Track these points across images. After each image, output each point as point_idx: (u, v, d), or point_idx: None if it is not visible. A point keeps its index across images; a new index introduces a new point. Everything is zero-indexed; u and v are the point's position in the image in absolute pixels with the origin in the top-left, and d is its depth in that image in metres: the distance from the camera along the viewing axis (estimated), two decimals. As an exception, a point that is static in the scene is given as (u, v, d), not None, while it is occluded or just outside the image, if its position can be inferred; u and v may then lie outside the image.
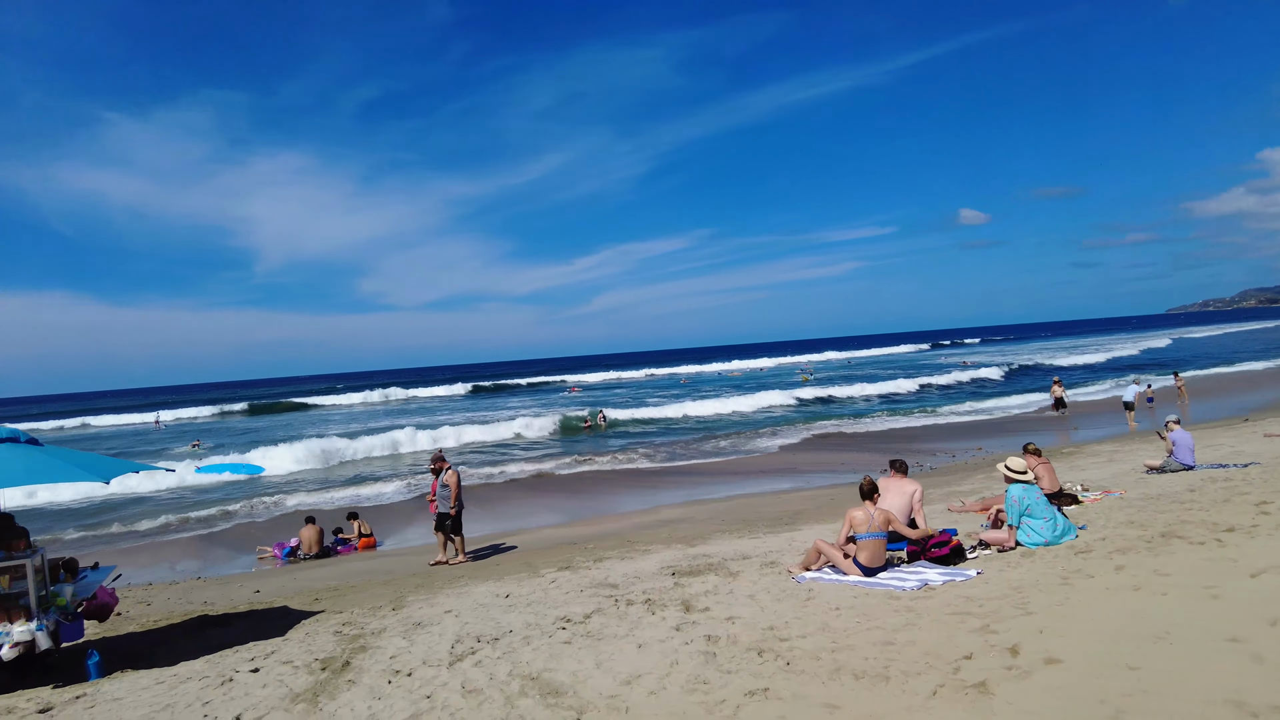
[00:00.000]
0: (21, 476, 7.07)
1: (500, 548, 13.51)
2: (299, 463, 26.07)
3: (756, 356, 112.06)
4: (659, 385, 66.50)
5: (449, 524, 12.55)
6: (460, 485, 12.70)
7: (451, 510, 12.52)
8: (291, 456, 26.53)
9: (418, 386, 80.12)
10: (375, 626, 8.27)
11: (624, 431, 32.08)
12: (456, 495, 12.59)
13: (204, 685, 6.51)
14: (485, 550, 13.32)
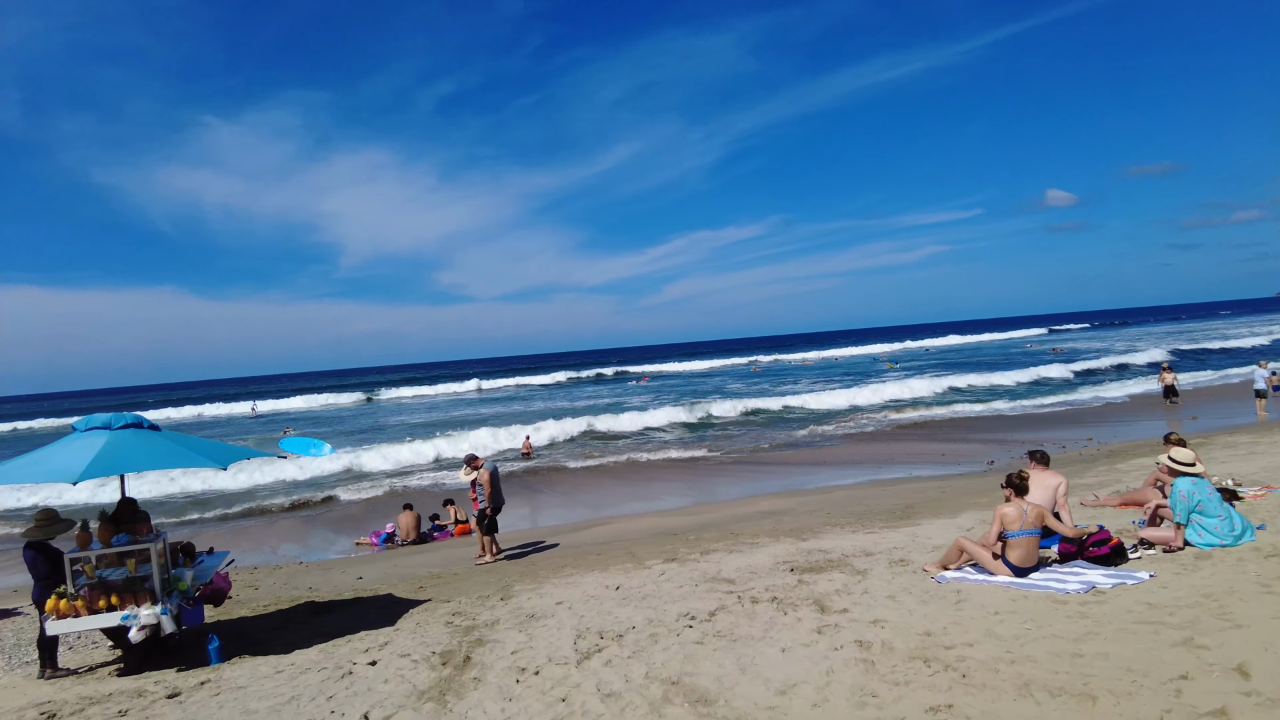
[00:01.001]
0: (145, 462, 7.03)
1: (591, 536, 13.21)
2: (389, 450, 26.46)
3: (831, 345, 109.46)
4: (736, 375, 65.59)
5: (485, 523, 12.31)
6: (493, 484, 12.38)
7: (487, 509, 12.27)
8: (383, 443, 26.92)
9: (498, 377, 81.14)
10: (487, 618, 8.02)
11: (707, 421, 31.54)
12: (490, 493, 12.31)
13: (324, 678, 6.32)
14: (577, 537, 13.05)
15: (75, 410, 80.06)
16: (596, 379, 73.91)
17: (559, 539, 13.43)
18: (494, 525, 12.28)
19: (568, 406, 43.90)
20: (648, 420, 31.30)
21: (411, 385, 78.82)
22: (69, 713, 6.18)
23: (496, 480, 12.36)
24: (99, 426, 7.46)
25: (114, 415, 7.56)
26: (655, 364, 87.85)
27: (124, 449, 7.03)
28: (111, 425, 7.47)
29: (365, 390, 74.54)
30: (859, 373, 54.70)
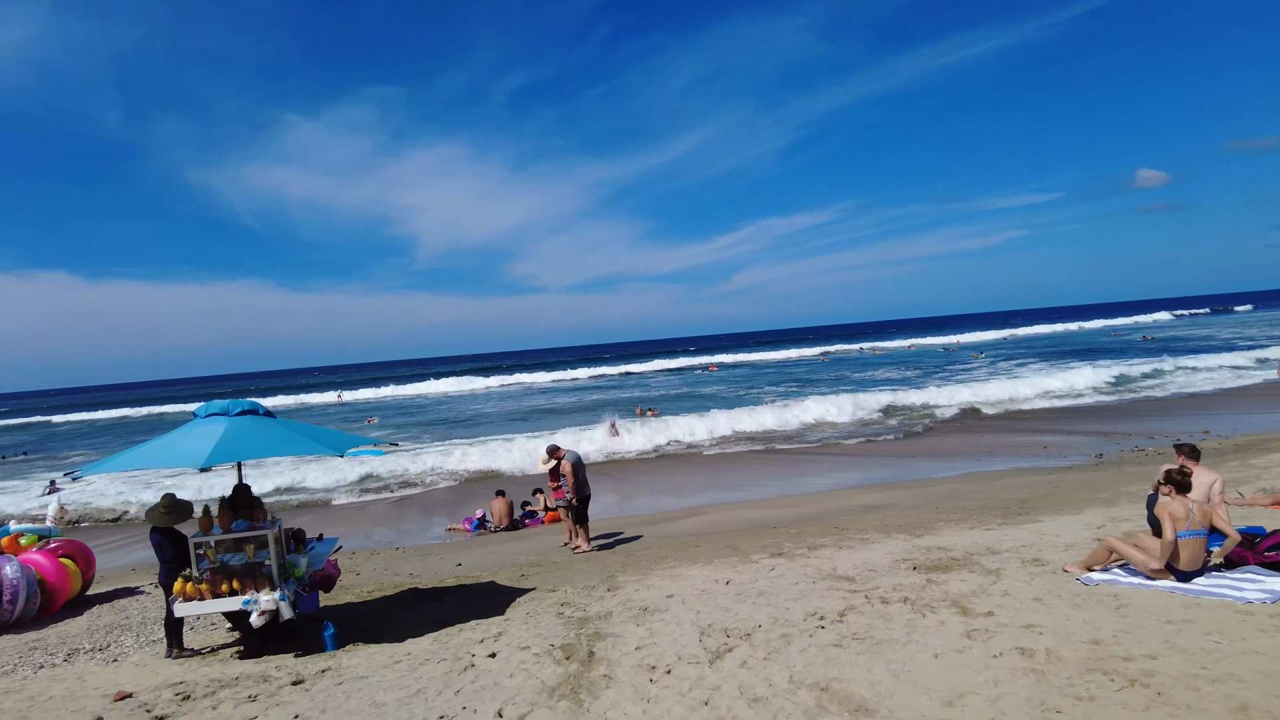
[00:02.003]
0: (263, 448, 7.04)
1: (683, 527, 12.92)
2: (471, 438, 26.74)
3: (905, 334, 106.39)
4: (808, 365, 64.35)
5: (573, 512, 12.07)
6: (576, 474, 12.13)
7: (573, 500, 12.03)
8: (464, 432, 27.17)
9: (568, 368, 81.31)
10: (598, 610, 7.82)
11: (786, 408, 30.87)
12: (573, 484, 12.07)
13: (446, 670, 6.20)
14: (669, 528, 12.78)
15: (172, 399, 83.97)
16: (663, 370, 73.23)
17: (648, 529, 13.20)
18: (583, 515, 12.11)
19: (640, 396, 43.78)
20: (718, 410, 30.87)
21: (485, 375, 79.92)
22: (201, 694, 6.22)
23: (580, 470, 12.16)
24: (217, 413, 7.52)
25: (231, 402, 7.62)
26: (724, 354, 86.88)
27: (244, 435, 7.06)
28: (229, 412, 7.52)
29: (443, 379, 75.87)
30: (935, 362, 53.00)
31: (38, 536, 9.98)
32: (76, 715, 6.04)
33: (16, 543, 9.75)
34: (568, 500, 12.08)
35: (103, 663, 7.80)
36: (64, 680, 7.25)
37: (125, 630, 8.87)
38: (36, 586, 9.30)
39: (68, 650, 8.26)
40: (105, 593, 10.65)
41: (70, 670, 7.62)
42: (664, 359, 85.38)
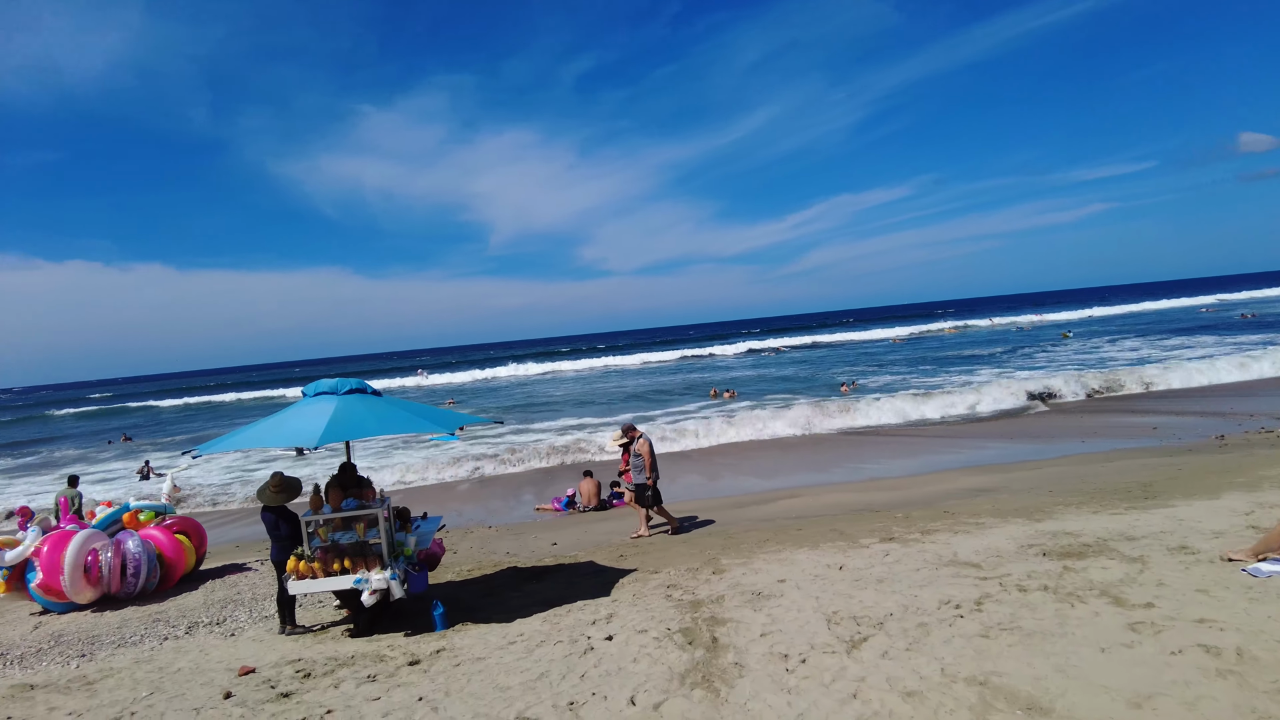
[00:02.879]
0: (375, 426, 6.98)
1: (779, 510, 12.55)
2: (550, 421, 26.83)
3: (984, 313, 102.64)
4: (883, 347, 62.67)
5: (649, 495, 11.69)
6: (654, 454, 11.77)
7: (649, 481, 11.68)
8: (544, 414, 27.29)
9: (635, 352, 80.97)
10: (707, 593, 7.56)
11: (860, 390, 30.07)
12: (650, 465, 11.69)
13: (566, 653, 6.04)
14: (764, 510, 12.43)
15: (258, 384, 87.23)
16: (736, 353, 72.14)
17: (738, 511, 12.86)
18: (659, 497, 11.81)
19: (715, 379, 43.36)
20: (795, 391, 30.20)
21: (556, 359, 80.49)
22: (321, 672, 6.22)
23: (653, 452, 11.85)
24: (326, 392, 7.51)
25: (339, 380, 7.60)
26: (796, 335, 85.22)
27: (355, 414, 7.01)
28: (337, 391, 7.50)
29: (517, 364, 76.73)
30: (1017, 341, 50.90)
31: (155, 513, 10.29)
32: (206, 688, 6.10)
33: (136, 519, 10.06)
34: (643, 480, 11.67)
35: (221, 636, 7.95)
36: (188, 652, 7.40)
37: (238, 605, 9.05)
38: (156, 561, 9.59)
39: (188, 623, 8.46)
40: (216, 568, 10.93)
41: (192, 643, 7.79)
42: (736, 341, 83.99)
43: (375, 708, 5.25)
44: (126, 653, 7.65)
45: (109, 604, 9.46)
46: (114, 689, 6.36)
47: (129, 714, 5.66)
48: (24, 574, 9.24)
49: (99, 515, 10.01)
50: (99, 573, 9.17)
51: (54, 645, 8.09)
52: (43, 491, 22.78)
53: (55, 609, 9.28)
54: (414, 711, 5.08)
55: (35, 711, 5.92)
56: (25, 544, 9.18)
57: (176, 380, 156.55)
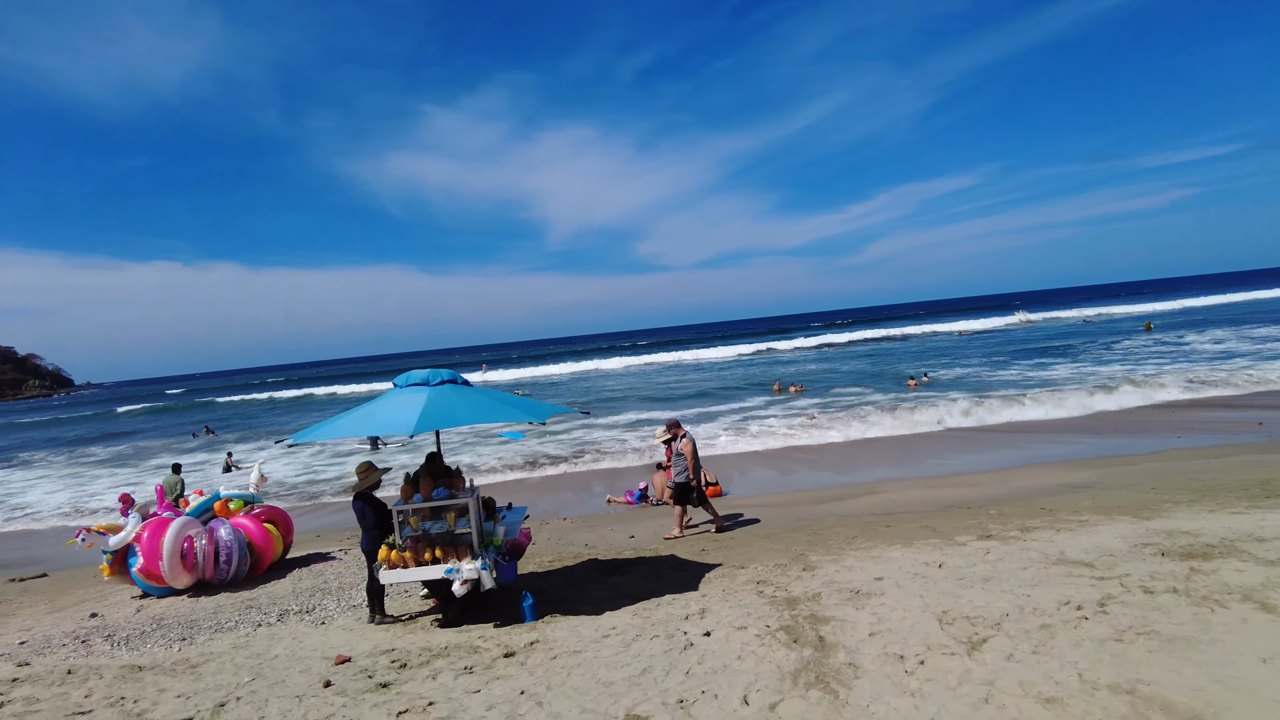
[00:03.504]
0: (467, 415, 6.92)
1: (862, 505, 12.17)
2: (618, 416, 26.78)
3: (1057, 305, 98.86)
4: (946, 341, 60.94)
5: (693, 495, 11.28)
6: (696, 453, 11.41)
7: (691, 481, 11.29)
8: (609, 409, 27.22)
9: (697, 346, 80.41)
10: (801, 590, 7.32)
11: (932, 383, 29.21)
12: (693, 464, 11.28)
13: (666, 648, 5.87)
14: (845, 506, 12.07)
15: (324, 379, 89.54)
16: (800, 347, 70.97)
17: (819, 507, 12.49)
18: (702, 496, 11.41)
19: (780, 373, 42.77)
20: (867, 385, 29.50)
21: (616, 354, 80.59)
22: (416, 663, 6.19)
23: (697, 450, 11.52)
24: (418, 383, 7.50)
25: (430, 371, 7.58)
26: (860, 329, 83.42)
27: (447, 403, 6.97)
28: (429, 381, 7.48)
29: (575, 359, 77.08)
30: (1087, 334, 48.87)
31: (244, 502, 10.50)
32: (305, 676, 6.12)
33: (226, 507, 10.28)
34: (685, 480, 11.28)
35: (311, 624, 8.02)
36: (282, 639, 7.48)
37: (326, 594, 9.15)
38: (246, 549, 9.77)
39: (279, 610, 8.58)
40: (301, 557, 11.12)
41: (285, 630, 7.88)
42: (797, 335, 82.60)
43: (477, 701, 5.17)
44: (223, 637, 7.79)
45: (203, 590, 9.69)
46: (216, 673, 6.45)
47: (234, 699, 5.70)
48: (126, 559, 9.53)
49: (192, 503, 10.25)
50: (194, 559, 9.39)
51: (156, 628, 8.29)
52: (134, 482, 23.73)
53: (154, 593, 9.54)
54: (518, 706, 4.97)
55: (145, 692, 6.02)
56: (127, 530, 9.46)
57: (248, 375, 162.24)
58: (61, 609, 9.80)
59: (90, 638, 8.19)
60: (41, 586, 11.52)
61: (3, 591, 11.37)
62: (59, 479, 25.97)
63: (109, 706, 5.78)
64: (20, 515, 19.73)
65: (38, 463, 31.89)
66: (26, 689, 6.44)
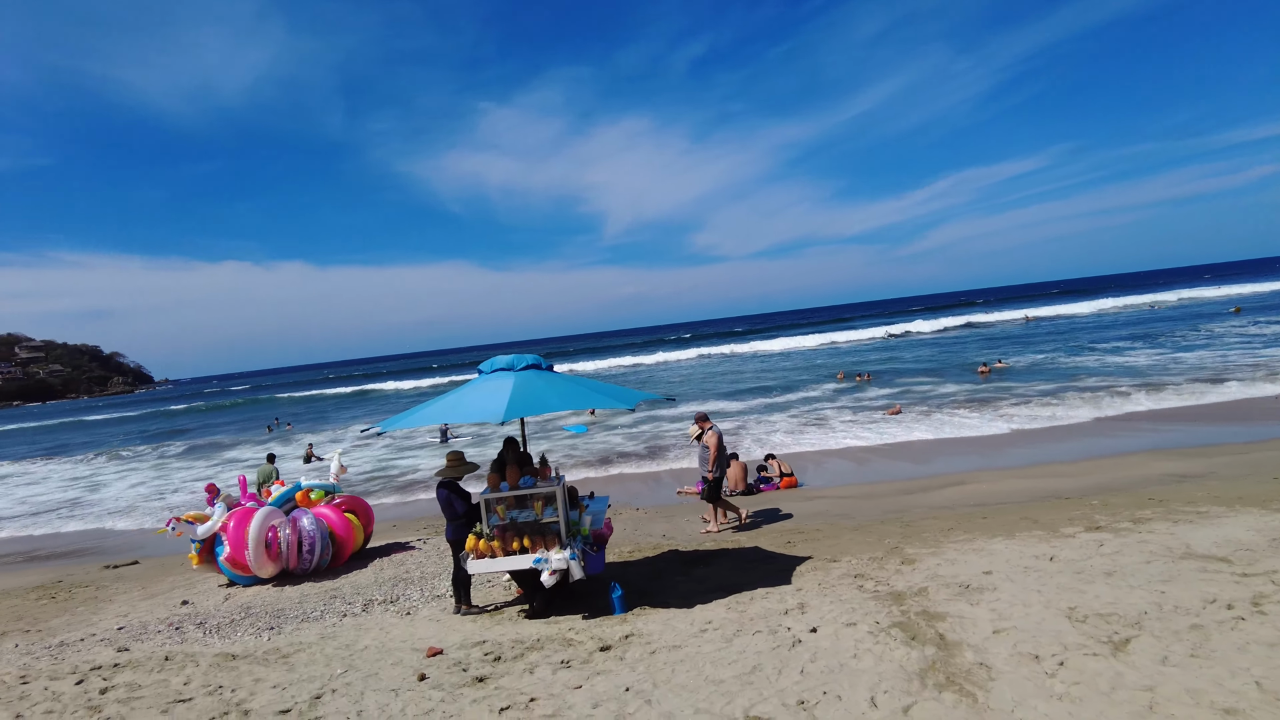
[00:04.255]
0: (555, 402, 6.71)
1: (953, 496, 11.62)
2: (686, 406, 26.47)
3: (1132, 291, 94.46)
4: (1015, 331, 58.82)
5: (712, 489, 10.87)
6: (720, 447, 10.95)
7: (710, 475, 10.84)
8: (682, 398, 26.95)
9: (766, 337, 79.26)
10: (904, 584, 6.93)
11: (1007, 370, 28.11)
12: (715, 458, 10.80)
13: (771, 644, 5.56)
14: (930, 498, 11.55)
15: (389, 375, 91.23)
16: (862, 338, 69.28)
17: (905, 499, 11.99)
18: (716, 494, 10.97)
19: (843, 363, 41.90)
20: (933, 375, 28.51)
21: (675, 347, 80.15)
22: (510, 655, 6.01)
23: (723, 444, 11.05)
24: (502, 369, 7.33)
25: (515, 357, 7.40)
26: (922, 319, 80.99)
27: (534, 389, 6.77)
28: (514, 367, 7.31)
29: (634, 353, 76.85)
30: (1168, 319, 46.55)
31: (325, 492, 10.53)
32: (397, 668, 6.00)
33: (308, 497, 10.33)
34: (717, 476, 10.91)
35: (397, 615, 7.95)
36: (369, 630, 7.41)
37: (409, 584, 9.09)
38: (328, 538, 9.79)
39: (363, 600, 8.54)
40: (381, 547, 11.13)
41: (370, 620, 7.82)
42: (857, 325, 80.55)
43: (580, 697, 4.94)
44: (310, 627, 7.77)
45: (287, 579, 9.74)
46: (308, 663, 6.39)
47: (329, 691, 5.61)
48: (213, 547, 9.64)
49: (274, 493, 10.33)
50: (278, 549, 9.44)
51: (244, 616, 8.34)
52: (213, 474, 24.42)
53: (240, 581, 9.63)
54: (625, 704, 4.73)
55: (242, 681, 5.98)
56: (213, 519, 9.56)
57: (316, 371, 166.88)
58: (154, 595, 9.99)
59: (183, 624, 8.28)
60: (135, 573, 11.81)
61: (99, 578, 11.69)
62: (145, 470, 26.95)
63: (208, 695, 5.75)
64: (111, 504, 20.46)
65: (125, 455, 33.18)
66: (128, 674, 6.49)
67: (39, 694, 6.19)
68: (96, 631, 8.43)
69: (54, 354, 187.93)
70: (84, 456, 34.33)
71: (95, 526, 17.62)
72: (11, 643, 8.42)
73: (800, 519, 11.13)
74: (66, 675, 6.63)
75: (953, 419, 19.66)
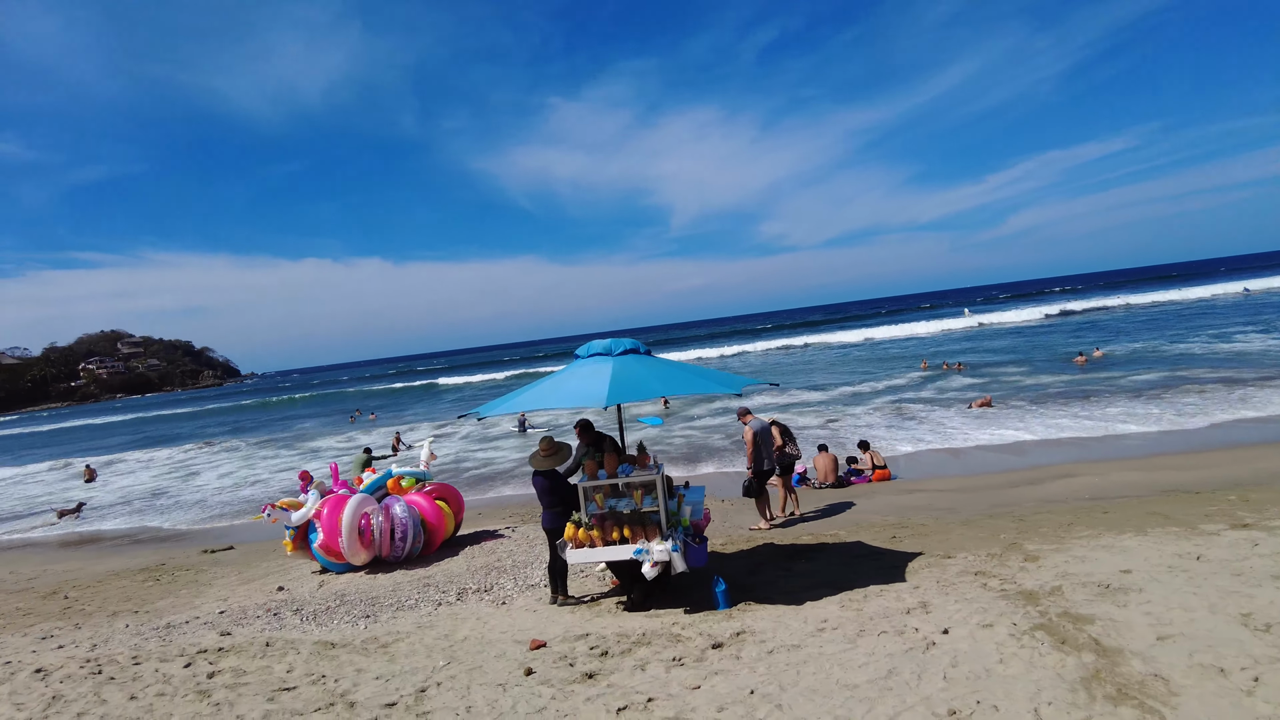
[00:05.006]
0: (658, 387, 6.40)
1: (1058, 490, 10.87)
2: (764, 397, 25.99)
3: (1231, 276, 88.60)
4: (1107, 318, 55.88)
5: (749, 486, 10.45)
6: (755, 443, 10.29)
7: (749, 470, 10.37)
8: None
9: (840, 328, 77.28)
10: (1033, 583, 6.37)
11: (1109, 360, 26.59)
12: (751, 454, 10.31)
13: (902, 646, 5.14)
14: (1035, 492, 10.82)
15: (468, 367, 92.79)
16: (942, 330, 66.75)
17: (1010, 492, 11.30)
18: (758, 489, 10.49)
19: (925, 352, 40.55)
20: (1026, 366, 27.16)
21: (740, 339, 79.16)
22: (617, 651, 5.73)
23: (761, 439, 10.45)
24: (600, 353, 7.07)
25: (613, 341, 7.13)
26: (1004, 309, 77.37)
27: (635, 374, 6.48)
28: (611, 351, 7.03)
29: (701, 344, 76.22)
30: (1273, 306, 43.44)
31: (416, 479, 10.50)
32: (500, 661, 5.80)
33: (399, 484, 10.30)
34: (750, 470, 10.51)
35: (492, 604, 7.79)
36: (465, 620, 7.26)
37: (502, 572, 8.95)
38: (420, 526, 9.74)
39: (457, 589, 8.43)
40: (470, 534, 11.06)
41: (466, 609, 7.68)
42: (932, 316, 77.42)
43: (701, 699, 4.62)
44: (406, 616, 7.67)
45: (380, 567, 9.73)
46: (408, 654, 6.24)
47: (434, 684, 5.43)
48: (307, 534, 9.69)
49: (365, 481, 10.34)
50: (371, 536, 9.42)
51: (340, 604, 8.32)
52: (300, 462, 25.07)
53: (334, 569, 9.66)
54: (753, 708, 4.38)
55: (344, 671, 5.88)
56: (307, 506, 9.61)
57: (391, 365, 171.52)
58: (250, 580, 10.12)
59: (281, 610, 8.31)
60: (230, 558, 12.06)
61: (198, 562, 11.98)
62: (234, 460, 27.89)
63: (312, 684, 5.65)
64: (204, 492, 21.18)
65: (216, 445, 34.49)
66: (232, 659, 6.48)
67: (150, 675, 6.22)
68: (200, 615, 8.55)
69: (151, 349, 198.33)
70: (183, 447, 35.82)
71: (192, 514, 18.22)
72: (123, 622, 8.62)
73: (902, 513, 10.57)
74: (175, 658, 6.67)
75: (1048, 409, 18.63)
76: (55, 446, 50.23)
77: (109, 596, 10.19)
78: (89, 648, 7.52)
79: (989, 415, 18.58)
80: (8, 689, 6.25)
